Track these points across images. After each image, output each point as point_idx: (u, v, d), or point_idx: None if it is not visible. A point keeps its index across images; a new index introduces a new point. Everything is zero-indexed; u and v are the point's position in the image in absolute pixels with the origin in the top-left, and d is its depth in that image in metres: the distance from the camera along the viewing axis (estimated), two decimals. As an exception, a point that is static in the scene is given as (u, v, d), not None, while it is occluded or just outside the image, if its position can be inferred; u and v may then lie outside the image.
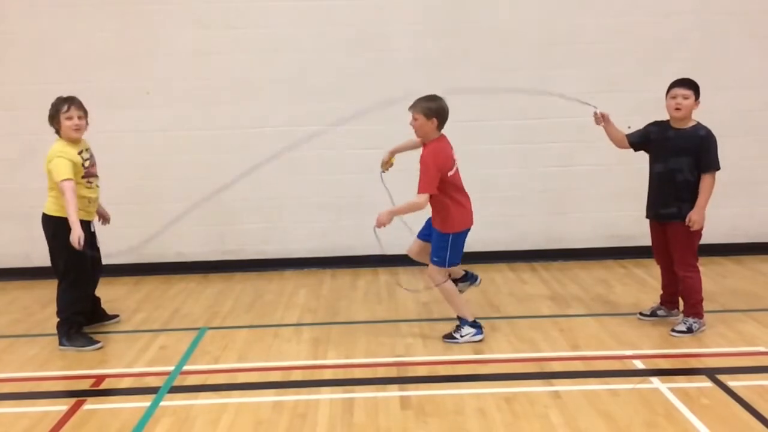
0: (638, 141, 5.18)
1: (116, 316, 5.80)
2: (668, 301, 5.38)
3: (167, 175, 7.04)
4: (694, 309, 5.10)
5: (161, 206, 7.06)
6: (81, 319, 5.25)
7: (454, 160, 4.89)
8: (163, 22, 6.83)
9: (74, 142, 5.10)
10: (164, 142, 7.01)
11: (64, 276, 5.18)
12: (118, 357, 5.03)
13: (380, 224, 4.78)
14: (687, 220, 4.92)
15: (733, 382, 4.27)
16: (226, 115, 6.99)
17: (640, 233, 5.64)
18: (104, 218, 5.58)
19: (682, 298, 5.17)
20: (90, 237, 5.27)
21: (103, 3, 6.77)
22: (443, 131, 4.94)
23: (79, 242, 4.80)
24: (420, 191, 4.74)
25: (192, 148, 7.01)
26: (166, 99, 6.95)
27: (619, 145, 5.27)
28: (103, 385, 4.59)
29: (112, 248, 5.76)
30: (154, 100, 6.94)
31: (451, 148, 4.94)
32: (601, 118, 5.20)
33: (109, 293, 6.14)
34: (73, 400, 4.32)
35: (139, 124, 6.95)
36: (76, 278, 5.16)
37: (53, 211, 5.09)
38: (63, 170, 4.95)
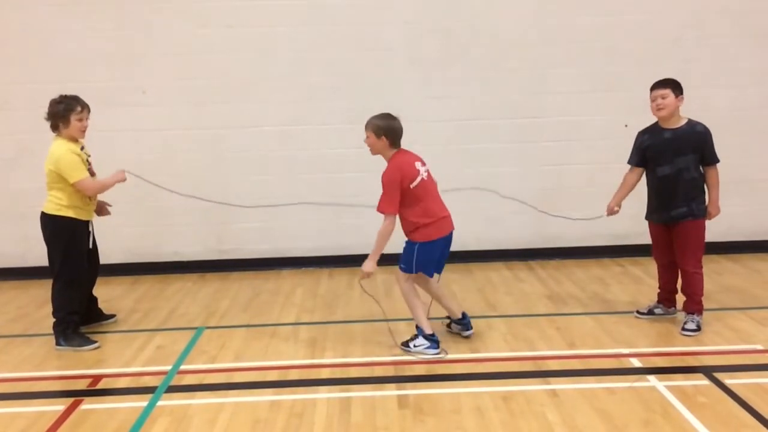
0: (640, 160, 5.18)
1: (113, 315, 5.79)
2: (666, 299, 5.39)
3: (163, 174, 7.01)
4: (700, 305, 5.12)
5: (157, 205, 7.06)
6: (77, 319, 5.24)
7: (417, 171, 4.75)
8: (159, 20, 6.82)
9: (74, 140, 5.10)
10: (160, 142, 7.00)
11: (59, 275, 5.16)
12: (115, 357, 5.02)
13: (368, 275, 4.83)
14: (707, 217, 5.04)
15: (730, 380, 4.28)
16: (223, 114, 6.99)
17: (637, 232, 5.66)
18: (103, 210, 5.51)
19: (688, 295, 5.15)
20: (88, 236, 5.27)
21: (99, 2, 6.76)
22: (404, 146, 4.85)
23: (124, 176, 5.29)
24: (380, 209, 4.73)
25: (188, 147, 7.01)
26: (162, 98, 6.94)
27: (637, 182, 5.28)
28: (100, 385, 4.59)
29: (109, 247, 5.76)
30: (150, 99, 6.93)
31: (415, 160, 4.82)
32: (611, 211, 5.34)
33: (105, 293, 6.14)
34: (70, 400, 4.31)
35: (134, 124, 6.94)
36: (72, 278, 5.15)
37: (52, 210, 5.08)
38: (76, 171, 4.96)
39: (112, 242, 6.16)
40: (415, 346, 4.89)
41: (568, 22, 6.94)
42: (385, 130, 4.74)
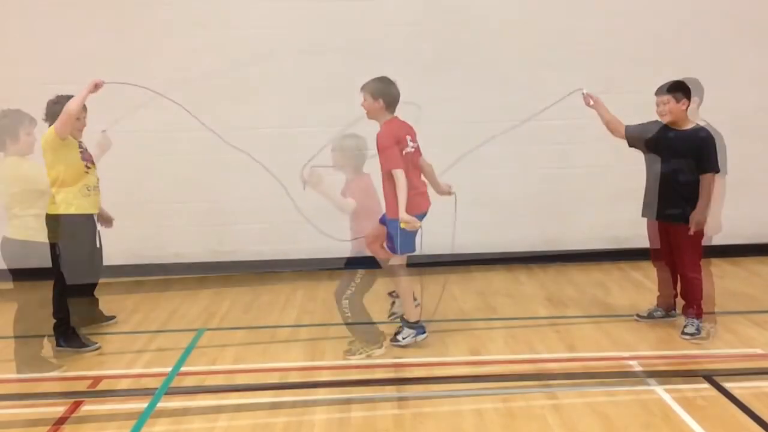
0: (635, 135, 5.19)
1: (114, 317, 5.79)
2: (666, 303, 5.39)
3: (164, 175, 7.03)
4: (699, 309, 5.10)
5: (158, 207, 7.06)
6: (77, 320, 5.23)
7: (407, 142, 4.84)
8: (160, 22, 6.82)
9: None
10: (161, 143, 7.00)
11: (60, 276, 5.16)
12: (116, 358, 5.03)
13: (414, 227, 4.73)
14: (690, 221, 4.92)
15: (730, 384, 4.27)
16: (223, 115, 6.96)
17: (637, 235, 5.64)
18: (107, 221, 5.53)
19: (686, 299, 5.15)
20: (93, 235, 5.26)
21: (100, 3, 6.77)
22: (396, 114, 4.92)
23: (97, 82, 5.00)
24: (388, 168, 4.72)
25: (189, 149, 7.00)
26: (162, 99, 6.91)
27: (614, 133, 5.32)
28: (101, 386, 4.59)
29: (110, 249, 5.75)
30: (150, 100, 6.92)
31: (408, 129, 4.90)
32: (589, 97, 5.31)
33: (106, 294, 6.12)
34: (70, 401, 4.32)
35: (134, 124, 6.92)
36: (73, 279, 5.14)
37: (54, 211, 5.06)
38: (52, 126, 4.94)
39: (113, 244, 6.13)
40: (403, 338, 5.00)
41: (567, 24, 6.94)
42: (382, 93, 4.80)
